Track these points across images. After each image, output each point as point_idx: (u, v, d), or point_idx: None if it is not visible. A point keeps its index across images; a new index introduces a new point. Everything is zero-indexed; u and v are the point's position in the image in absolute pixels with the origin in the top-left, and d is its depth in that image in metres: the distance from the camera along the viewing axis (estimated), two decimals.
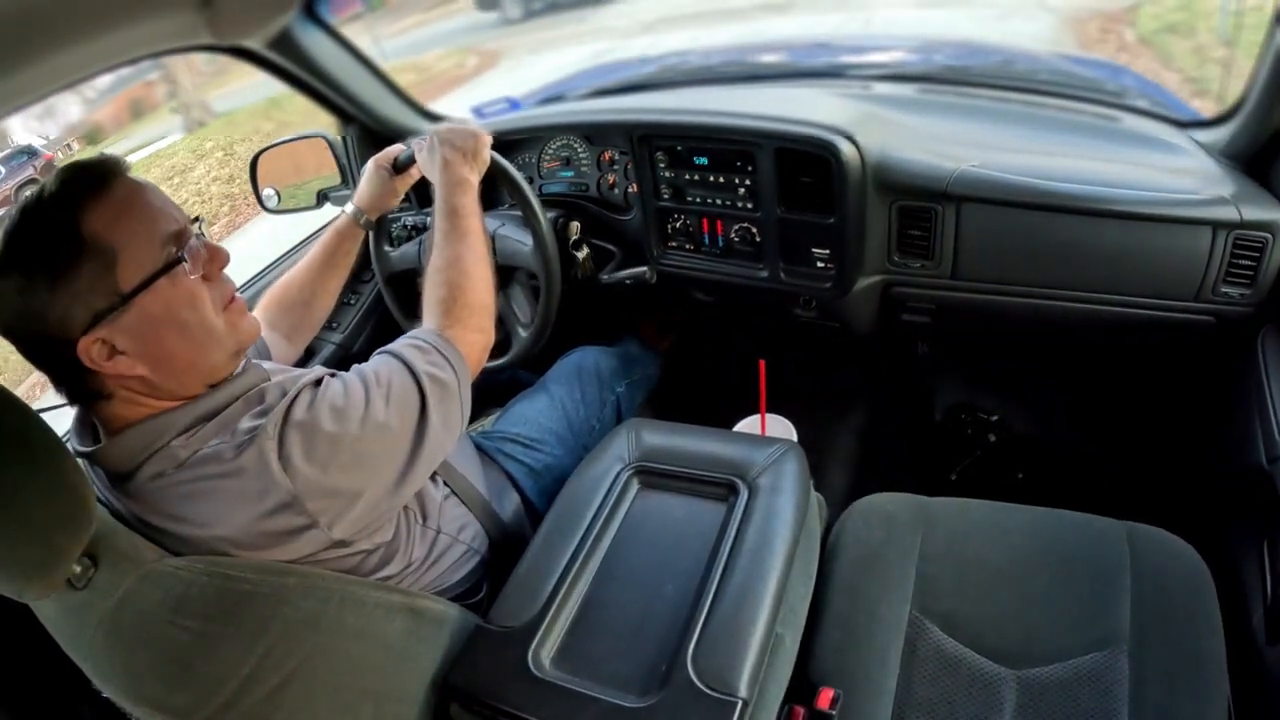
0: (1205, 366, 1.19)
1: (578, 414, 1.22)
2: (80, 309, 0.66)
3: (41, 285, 0.65)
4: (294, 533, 0.69)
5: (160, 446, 0.70)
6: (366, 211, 1.16)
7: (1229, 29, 2.85)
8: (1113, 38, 3.47)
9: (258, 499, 0.68)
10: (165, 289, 0.70)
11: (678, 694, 0.69)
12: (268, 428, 0.69)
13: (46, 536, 0.59)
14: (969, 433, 1.54)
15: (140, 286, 0.68)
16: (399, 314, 1.33)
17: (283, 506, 0.68)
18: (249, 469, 0.68)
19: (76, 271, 0.66)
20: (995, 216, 1.07)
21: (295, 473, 0.68)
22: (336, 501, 0.71)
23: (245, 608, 0.64)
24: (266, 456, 0.68)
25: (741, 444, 0.95)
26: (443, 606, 0.78)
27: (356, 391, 0.75)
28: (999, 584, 0.95)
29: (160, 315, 0.70)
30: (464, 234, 0.96)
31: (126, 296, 0.67)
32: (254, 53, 1.19)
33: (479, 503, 0.99)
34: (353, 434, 0.72)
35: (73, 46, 0.81)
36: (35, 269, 0.65)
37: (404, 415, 0.77)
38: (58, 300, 0.65)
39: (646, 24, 6.52)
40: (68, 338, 0.66)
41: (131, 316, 0.68)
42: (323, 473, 0.70)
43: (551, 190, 1.41)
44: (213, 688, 0.62)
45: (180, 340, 0.71)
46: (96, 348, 0.67)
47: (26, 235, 0.66)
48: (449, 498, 0.95)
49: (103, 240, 0.66)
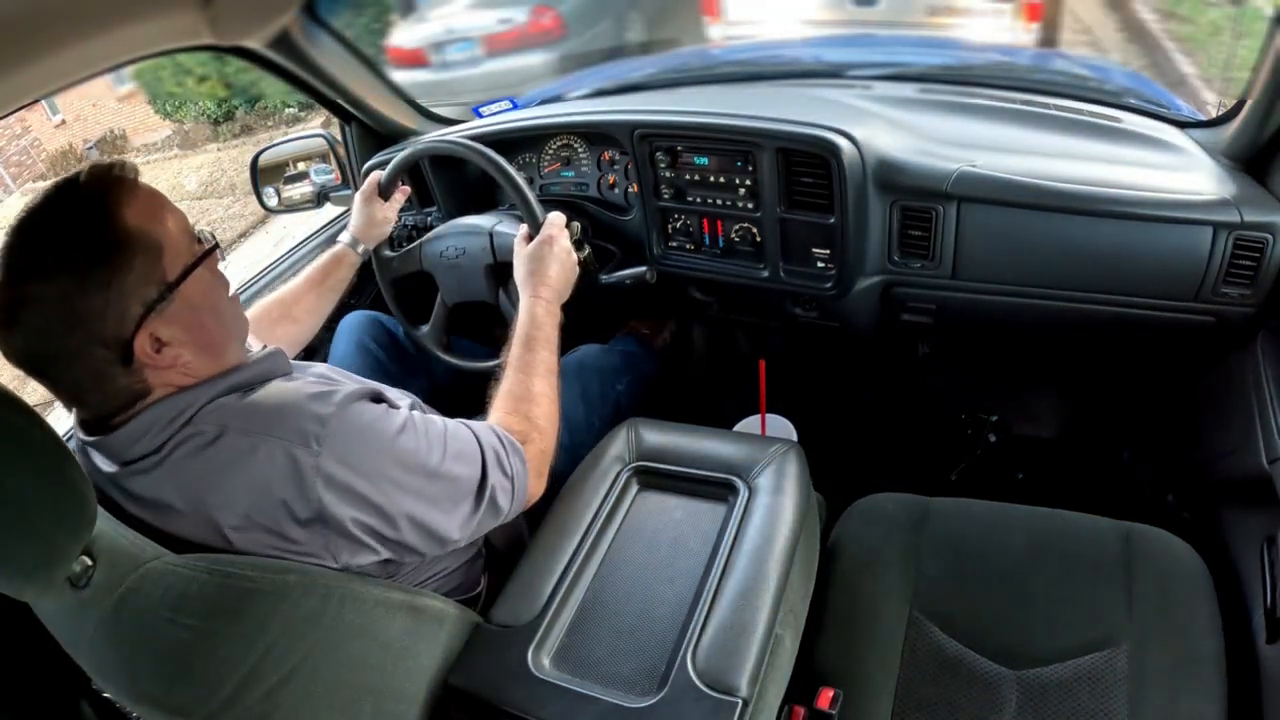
0: (1205, 367, 1.19)
1: (577, 413, 1.22)
2: (135, 304, 0.67)
3: (95, 285, 0.65)
4: (301, 543, 0.69)
5: (185, 421, 0.70)
6: (363, 241, 1.24)
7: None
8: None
9: (283, 501, 0.68)
10: (202, 276, 0.73)
11: (678, 694, 0.69)
12: (312, 441, 0.69)
13: (46, 535, 0.59)
14: (969, 433, 1.54)
15: (183, 275, 0.70)
16: (402, 318, 1.33)
17: (308, 520, 0.68)
18: (284, 468, 0.68)
19: (130, 266, 0.66)
20: (996, 216, 1.07)
21: (330, 499, 0.69)
22: (352, 536, 0.71)
23: (246, 605, 0.64)
24: (303, 467, 0.68)
25: (741, 444, 0.95)
26: (443, 605, 0.78)
27: (430, 430, 0.78)
28: (999, 584, 0.95)
29: (199, 301, 0.72)
30: (537, 369, 0.97)
31: (172, 286, 0.69)
32: (254, 52, 1.19)
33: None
34: (398, 478, 0.73)
35: (73, 46, 0.81)
36: (89, 269, 0.64)
37: (465, 469, 0.79)
38: (113, 298, 0.65)
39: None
40: (122, 336, 0.66)
41: (177, 304, 0.70)
42: (358, 510, 0.70)
43: (552, 190, 1.41)
44: (213, 685, 0.62)
45: (215, 323, 0.74)
46: (147, 342, 0.68)
47: (70, 237, 0.65)
48: None
49: (147, 235, 0.68)
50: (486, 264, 1.22)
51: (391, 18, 4.27)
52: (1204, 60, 3.23)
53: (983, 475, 1.51)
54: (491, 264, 1.22)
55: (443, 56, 3.91)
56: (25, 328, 0.65)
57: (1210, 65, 3.17)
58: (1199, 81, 3.12)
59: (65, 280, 0.64)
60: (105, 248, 0.66)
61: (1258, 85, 0.97)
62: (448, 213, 1.40)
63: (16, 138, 7.79)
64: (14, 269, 0.64)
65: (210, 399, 0.71)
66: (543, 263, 1.07)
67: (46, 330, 0.65)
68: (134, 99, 8.21)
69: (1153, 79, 3.05)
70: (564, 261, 1.09)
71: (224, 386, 0.72)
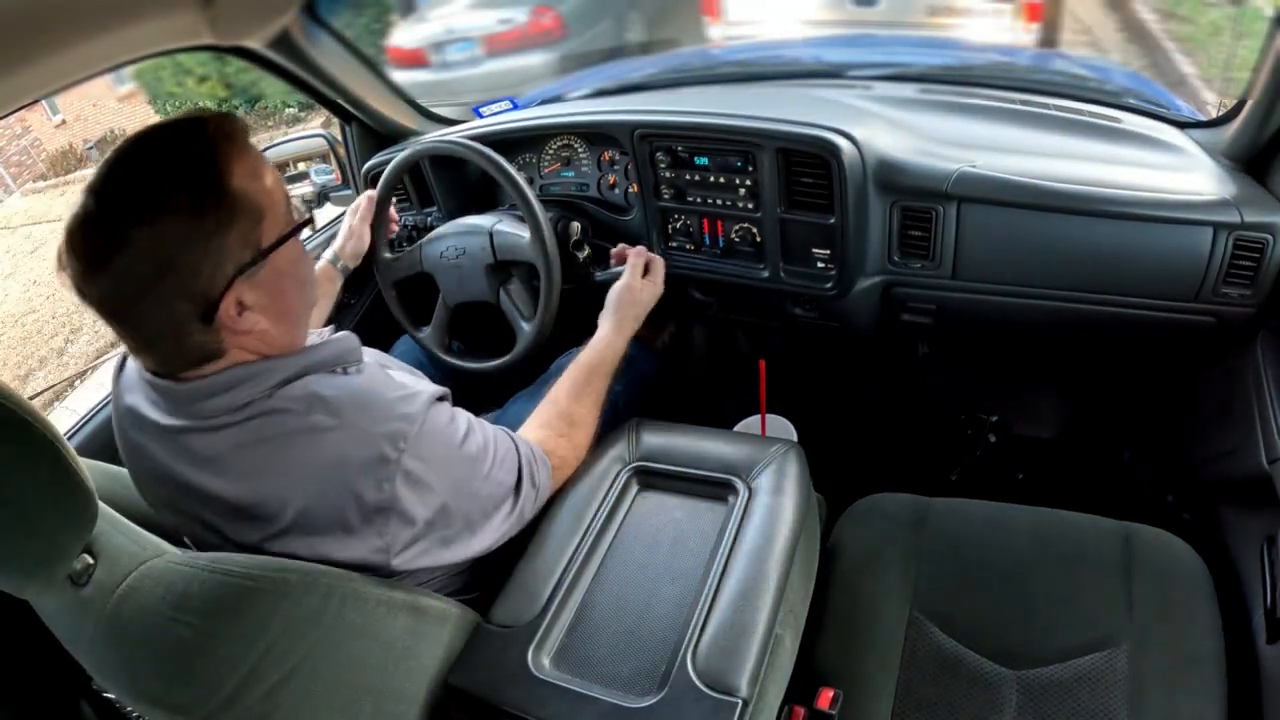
0: (1205, 367, 1.19)
1: None
2: (229, 264, 0.66)
3: (197, 239, 0.64)
4: (356, 532, 0.70)
5: (268, 392, 0.70)
6: (344, 259, 1.25)
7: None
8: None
9: (356, 486, 0.69)
10: (293, 247, 0.73)
11: (678, 694, 0.69)
12: (399, 439, 0.70)
13: (47, 533, 0.59)
14: (969, 433, 1.55)
15: (276, 244, 0.69)
16: (404, 319, 1.33)
17: (375, 509, 0.70)
18: (367, 458, 0.69)
19: (232, 226, 0.65)
20: (996, 217, 1.07)
21: (405, 493, 0.70)
22: (416, 527, 0.73)
23: (247, 604, 0.64)
24: (387, 460, 0.70)
25: (741, 444, 0.95)
26: (444, 605, 0.78)
27: (478, 438, 0.80)
28: (999, 584, 0.95)
29: (287, 270, 0.71)
30: (592, 398, 1.01)
31: (266, 251, 0.68)
32: (254, 52, 1.19)
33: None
34: (465, 477, 0.76)
35: (73, 46, 0.81)
36: (194, 222, 0.64)
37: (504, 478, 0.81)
38: (211, 254, 0.65)
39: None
40: (211, 294, 0.65)
41: (266, 271, 0.69)
42: (426, 507, 0.72)
43: (552, 191, 1.41)
44: (213, 684, 0.62)
45: (298, 293, 0.74)
46: (232, 303, 0.67)
47: (179, 187, 0.64)
48: None
49: (251, 198, 0.67)
50: (487, 264, 1.22)
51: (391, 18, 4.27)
52: (1204, 60, 3.24)
53: (983, 475, 1.51)
54: (492, 264, 1.22)
55: (443, 56, 3.91)
56: (116, 271, 0.62)
57: (1210, 65, 3.17)
58: (1199, 82, 3.12)
59: (168, 229, 0.63)
60: (213, 204, 0.65)
61: (1258, 85, 0.97)
62: (448, 213, 1.40)
63: (17, 137, 7.80)
64: (114, 209, 0.63)
65: (295, 374, 0.71)
66: (644, 307, 1.12)
67: (137, 277, 0.63)
68: (134, 99, 8.21)
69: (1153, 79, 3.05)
70: (657, 288, 1.16)
71: (305, 363, 0.73)
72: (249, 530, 0.70)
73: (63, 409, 4.04)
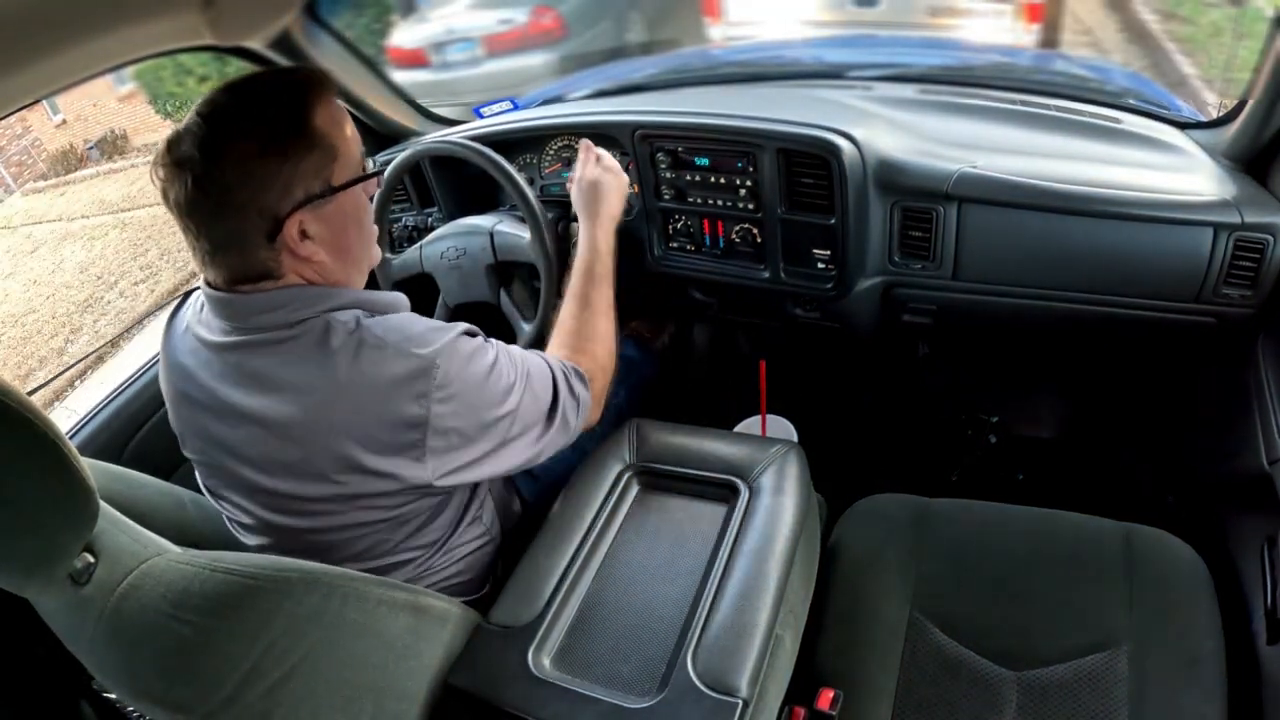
0: (1205, 368, 1.19)
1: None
2: (299, 188, 0.73)
3: (276, 154, 0.71)
4: (390, 445, 0.74)
5: (320, 313, 0.76)
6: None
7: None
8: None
9: (397, 401, 0.73)
10: (359, 193, 0.80)
11: (678, 694, 0.69)
12: (437, 358, 0.75)
13: (48, 531, 0.59)
14: (969, 433, 1.55)
15: (346, 184, 0.77)
16: None
17: (412, 423, 0.74)
18: (409, 374, 0.74)
19: (308, 154, 0.73)
20: (996, 217, 1.08)
21: (441, 409, 0.75)
22: (452, 440, 0.77)
23: (248, 602, 0.63)
24: (428, 376, 0.74)
25: (742, 444, 0.95)
26: (445, 604, 0.78)
27: (509, 358, 0.84)
28: (999, 585, 0.95)
29: (351, 213, 0.79)
30: (599, 305, 1.01)
31: (335, 189, 0.76)
32: (255, 53, 1.19)
33: (494, 496, 1.00)
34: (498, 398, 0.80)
35: (74, 47, 0.81)
36: (277, 139, 0.72)
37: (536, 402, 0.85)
38: (286, 173, 0.72)
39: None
40: (279, 212, 0.72)
41: (332, 208, 0.76)
42: (461, 420, 0.76)
43: (553, 191, 1.41)
44: (214, 683, 0.62)
45: (358, 238, 0.81)
46: (296, 227, 0.74)
47: (269, 111, 0.72)
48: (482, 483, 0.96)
49: (328, 138, 0.75)
50: (488, 264, 1.23)
51: (392, 18, 4.26)
52: (1205, 61, 3.24)
53: (983, 476, 1.51)
54: (493, 264, 1.22)
55: (443, 57, 3.91)
56: (204, 178, 0.70)
57: (1211, 66, 3.17)
58: (1199, 82, 3.12)
59: (255, 140, 0.71)
60: (294, 130, 0.73)
61: (1258, 86, 0.97)
62: (448, 213, 1.40)
63: (17, 137, 7.80)
64: (214, 124, 0.71)
65: (346, 304, 0.78)
66: (599, 186, 1.10)
67: (220, 185, 0.70)
68: (134, 99, 8.21)
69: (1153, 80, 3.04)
70: (618, 176, 1.13)
71: (354, 298, 0.79)
72: (286, 455, 0.75)
73: (63, 409, 4.04)
